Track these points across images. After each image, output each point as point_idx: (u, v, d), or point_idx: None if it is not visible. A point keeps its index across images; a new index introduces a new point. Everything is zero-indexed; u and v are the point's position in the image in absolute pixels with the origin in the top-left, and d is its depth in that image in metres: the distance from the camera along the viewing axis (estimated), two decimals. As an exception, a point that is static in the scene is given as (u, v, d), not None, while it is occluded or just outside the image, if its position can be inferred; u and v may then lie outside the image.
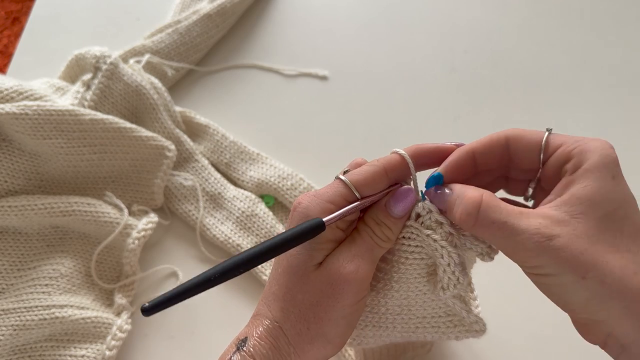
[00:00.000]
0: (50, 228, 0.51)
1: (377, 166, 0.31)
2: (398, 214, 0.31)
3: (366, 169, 0.31)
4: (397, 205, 0.31)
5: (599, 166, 0.28)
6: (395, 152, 0.32)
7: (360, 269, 0.30)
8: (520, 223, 0.27)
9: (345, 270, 0.30)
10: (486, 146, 0.31)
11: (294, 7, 0.71)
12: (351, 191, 0.31)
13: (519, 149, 0.31)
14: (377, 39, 0.68)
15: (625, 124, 0.62)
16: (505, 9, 0.70)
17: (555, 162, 0.30)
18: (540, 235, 0.26)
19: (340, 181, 0.31)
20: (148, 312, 0.28)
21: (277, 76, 0.65)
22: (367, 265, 0.31)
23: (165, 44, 0.62)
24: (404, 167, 0.32)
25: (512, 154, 0.31)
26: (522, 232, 0.26)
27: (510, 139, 0.31)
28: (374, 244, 0.31)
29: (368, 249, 0.31)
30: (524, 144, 0.30)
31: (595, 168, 0.28)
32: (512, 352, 0.48)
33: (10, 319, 0.46)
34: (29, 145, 0.51)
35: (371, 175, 0.31)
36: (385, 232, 0.31)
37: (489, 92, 0.64)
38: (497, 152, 0.31)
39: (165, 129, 0.56)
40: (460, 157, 0.31)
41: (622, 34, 0.68)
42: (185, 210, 0.55)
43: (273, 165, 0.57)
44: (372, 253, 0.31)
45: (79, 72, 0.58)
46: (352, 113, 0.63)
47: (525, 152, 0.30)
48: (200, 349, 0.49)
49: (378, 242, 0.31)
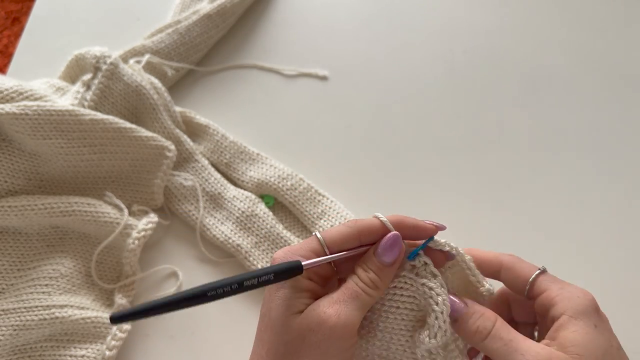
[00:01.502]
0: (50, 228, 0.52)
1: (351, 228, 0.33)
2: (387, 261, 0.33)
3: (340, 229, 0.33)
4: (387, 252, 0.33)
5: (583, 315, 0.32)
6: (375, 216, 0.34)
7: (341, 313, 0.31)
8: (524, 344, 0.31)
9: (325, 315, 0.31)
10: (486, 259, 0.36)
11: (294, 7, 0.71)
12: (322, 248, 0.33)
13: (511, 275, 0.35)
14: (377, 39, 0.68)
15: (624, 124, 0.62)
16: (504, 10, 0.70)
17: (540, 306, 0.34)
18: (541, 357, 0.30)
19: (314, 237, 0.33)
20: (115, 321, 0.28)
21: (277, 76, 0.65)
22: (349, 311, 0.31)
23: (165, 44, 0.63)
24: (379, 232, 0.33)
25: (504, 276, 0.36)
26: (525, 351, 0.30)
27: (505, 266, 0.36)
28: (359, 290, 0.32)
29: (352, 296, 0.32)
30: (514, 273, 0.35)
31: (580, 316, 0.32)
32: None
33: (10, 319, 0.46)
34: (29, 146, 0.51)
35: (343, 237, 0.33)
36: (372, 279, 0.32)
37: (488, 92, 0.64)
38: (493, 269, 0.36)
39: (165, 129, 0.56)
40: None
41: (622, 34, 0.69)
42: (185, 211, 0.55)
43: (273, 166, 0.57)
44: (356, 299, 0.32)
45: (79, 72, 0.58)
46: (352, 113, 0.63)
47: (513, 280, 0.35)
48: (201, 349, 0.49)
49: (364, 288, 0.32)
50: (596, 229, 0.55)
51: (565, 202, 0.57)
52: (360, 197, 0.57)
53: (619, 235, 0.55)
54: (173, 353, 0.49)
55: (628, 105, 0.64)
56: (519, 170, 0.59)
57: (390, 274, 0.33)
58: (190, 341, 0.50)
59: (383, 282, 0.33)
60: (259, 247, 0.52)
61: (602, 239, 0.55)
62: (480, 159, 0.60)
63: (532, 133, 0.62)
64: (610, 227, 0.55)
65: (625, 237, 0.55)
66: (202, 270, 0.53)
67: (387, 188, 0.58)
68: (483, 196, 0.57)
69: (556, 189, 0.58)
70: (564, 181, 0.59)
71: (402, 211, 0.42)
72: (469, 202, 0.57)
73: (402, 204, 0.57)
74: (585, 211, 0.56)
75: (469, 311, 0.33)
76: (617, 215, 0.56)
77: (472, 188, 0.58)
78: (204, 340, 0.50)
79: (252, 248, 0.52)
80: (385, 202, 0.57)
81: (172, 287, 0.52)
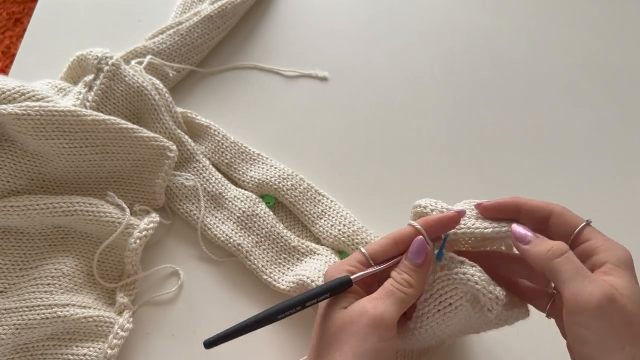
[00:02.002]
0: (52, 228, 0.52)
1: (389, 239, 0.39)
2: (417, 262, 0.37)
3: (380, 241, 0.39)
4: (415, 255, 0.37)
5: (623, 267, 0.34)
6: (410, 224, 0.39)
7: (378, 306, 0.35)
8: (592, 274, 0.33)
9: (364, 309, 0.35)
10: (534, 205, 0.38)
11: (295, 9, 0.71)
12: (366, 259, 0.38)
13: (558, 222, 0.37)
14: (377, 40, 0.68)
15: (624, 125, 0.63)
16: (503, 11, 0.71)
17: (582, 252, 0.36)
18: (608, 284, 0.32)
19: (359, 252, 0.39)
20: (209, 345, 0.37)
21: (277, 77, 0.66)
22: (385, 305, 0.35)
23: (167, 45, 0.63)
24: (412, 238, 0.38)
25: (551, 224, 0.38)
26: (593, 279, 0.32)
27: (555, 213, 0.38)
28: (394, 289, 0.36)
29: (387, 294, 0.36)
30: (562, 221, 0.37)
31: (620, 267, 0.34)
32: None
33: (13, 318, 0.46)
34: (31, 146, 0.51)
35: (383, 248, 0.39)
36: (405, 278, 0.37)
37: (487, 93, 0.64)
38: (540, 214, 0.38)
39: (166, 129, 0.57)
40: (508, 202, 0.39)
41: (621, 34, 0.69)
42: (187, 210, 0.55)
43: (273, 166, 0.57)
44: (392, 296, 0.36)
45: (81, 73, 0.58)
46: (352, 114, 0.63)
47: (561, 227, 0.37)
48: (201, 347, 0.50)
49: (398, 287, 0.36)
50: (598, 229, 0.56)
51: (565, 202, 0.57)
52: (360, 197, 0.57)
53: (618, 235, 0.55)
54: (174, 351, 0.49)
55: (627, 105, 0.64)
56: (519, 170, 0.59)
57: (421, 273, 0.37)
58: (192, 340, 0.50)
59: (416, 280, 0.37)
60: (260, 247, 0.53)
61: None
62: (480, 159, 0.60)
63: (531, 133, 0.62)
64: (610, 228, 0.55)
65: (626, 237, 0.55)
66: (203, 270, 0.53)
67: (387, 188, 0.58)
68: (482, 196, 0.57)
69: (556, 189, 0.59)
70: (563, 181, 0.59)
71: (401, 211, 0.43)
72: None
73: (401, 204, 0.57)
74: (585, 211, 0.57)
75: (541, 239, 0.36)
76: (617, 215, 0.57)
77: (472, 188, 0.58)
78: (205, 339, 0.50)
79: (252, 247, 0.53)
80: (385, 202, 0.57)
81: (174, 286, 0.52)
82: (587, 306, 0.31)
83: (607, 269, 0.33)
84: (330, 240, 0.53)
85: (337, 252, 0.52)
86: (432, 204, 0.41)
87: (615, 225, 0.56)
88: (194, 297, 0.52)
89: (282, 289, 0.50)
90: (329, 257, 0.51)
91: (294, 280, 0.50)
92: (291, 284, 0.50)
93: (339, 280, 0.37)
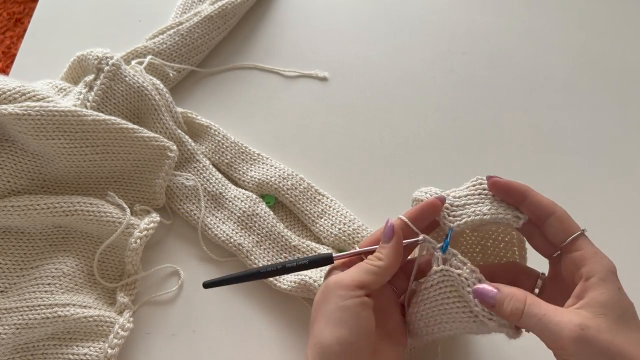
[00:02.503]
0: (52, 228, 0.52)
1: (378, 232, 0.42)
2: (385, 238, 0.41)
3: (371, 237, 0.43)
4: (384, 234, 0.41)
5: (610, 278, 0.36)
6: (399, 218, 0.42)
7: (339, 275, 0.39)
8: (556, 316, 0.35)
9: (329, 280, 0.39)
10: (539, 198, 0.40)
11: (295, 9, 0.71)
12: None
13: (557, 223, 0.39)
14: (377, 40, 0.68)
15: (623, 125, 0.63)
16: (503, 11, 0.71)
17: (573, 262, 0.38)
18: (573, 325, 0.33)
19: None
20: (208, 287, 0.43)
21: (277, 77, 0.66)
22: (346, 273, 0.39)
23: (167, 45, 0.63)
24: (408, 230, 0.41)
25: (549, 222, 0.39)
26: (559, 321, 0.34)
27: (556, 214, 0.39)
28: (362, 263, 0.40)
29: (356, 265, 0.40)
30: (560, 222, 0.39)
31: (607, 279, 0.36)
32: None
33: (13, 318, 0.46)
34: (31, 146, 0.51)
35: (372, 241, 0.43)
36: (375, 254, 0.40)
37: (487, 93, 0.65)
38: (544, 209, 0.39)
39: (167, 129, 0.57)
40: (518, 185, 0.40)
41: (620, 35, 0.69)
42: (187, 210, 0.55)
43: (274, 166, 0.57)
44: (361, 266, 0.40)
45: (82, 73, 0.59)
46: (352, 114, 0.63)
47: (559, 228, 0.39)
48: (202, 347, 0.50)
49: (367, 260, 0.40)
50: (596, 229, 0.56)
51: (565, 202, 0.57)
52: (359, 197, 0.57)
53: (619, 235, 0.55)
54: (174, 351, 0.49)
55: (627, 105, 0.64)
56: (518, 170, 0.60)
57: (390, 249, 0.40)
58: (192, 339, 0.50)
59: (385, 255, 0.40)
60: (260, 246, 0.53)
61: (602, 239, 0.55)
62: (480, 160, 0.60)
63: (531, 133, 0.62)
64: (610, 228, 0.56)
65: (625, 237, 0.55)
66: (204, 269, 0.53)
67: (386, 188, 0.58)
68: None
69: (555, 189, 0.58)
70: (563, 182, 0.59)
71: (401, 211, 0.43)
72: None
73: (401, 204, 0.57)
74: (585, 212, 0.57)
75: (501, 296, 0.37)
76: (617, 215, 0.57)
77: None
78: (205, 338, 0.50)
79: (253, 247, 0.53)
80: (384, 202, 0.57)
81: (174, 285, 0.52)
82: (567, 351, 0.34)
83: (593, 283, 0.36)
84: (330, 239, 0.53)
85: (337, 251, 0.53)
86: (422, 194, 0.43)
87: (614, 225, 0.56)
88: (194, 297, 0.52)
89: (284, 288, 0.50)
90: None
91: (296, 280, 0.50)
92: (293, 284, 0.50)
93: (321, 256, 0.43)
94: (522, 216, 0.40)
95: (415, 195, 0.44)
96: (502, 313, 0.37)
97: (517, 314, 0.36)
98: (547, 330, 0.34)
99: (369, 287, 0.39)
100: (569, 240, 0.38)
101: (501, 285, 0.38)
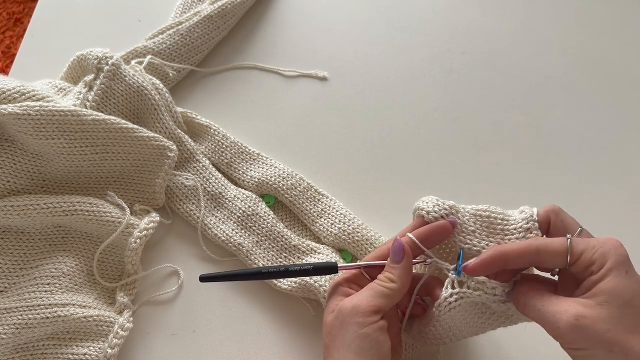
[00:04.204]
0: (52, 228, 0.52)
1: (385, 248, 0.42)
2: (395, 259, 0.40)
3: (377, 252, 0.43)
4: (394, 253, 0.41)
5: (616, 266, 0.35)
6: (408, 236, 0.41)
7: (354, 299, 0.39)
8: (553, 307, 0.35)
9: (344, 305, 0.39)
10: (518, 253, 0.38)
11: (295, 9, 0.71)
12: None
13: (547, 256, 0.38)
14: (377, 40, 0.68)
15: (623, 125, 0.63)
16: (503, 11, 0.71)
17: (580, 266, 0.37)
18: (569, 315, 0.34)
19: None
20: (204, 281, 0.43)
21: (277, 77, 0.66)
22: (361, 297, 0.39)
23: (167, 45, 0.63)
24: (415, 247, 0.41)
25: (540, 260, 0.38)
26: (556, 312, 0.35)
27: (540, 249, 0.38)
28: (374, 284, 0.40)
29: (367, 288, 0.40)
30: (550, 252, 0.38)
31: (614, 267, 0.35)
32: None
33: (13, 318, 0.46)
34: (31, 146, 0.51)
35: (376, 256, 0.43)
36: (386, 275, 0.40)
37: (487, 93, 0.65)
38: (527, 259, 0.38)
39: (166, 129, 0.57)
40: (494, 258, 0.39)
41: (620, 35, 0.69)
42: (187, 210, 0.55)
43: (273, 166, 0.57)
44: (371, 290, 0.40)
45: (81, 73, 0.59)
46: (352, 114, 0.63)
47: (552, 258, 0.38)
48: (202, 347, 0.50)
49: (378, 282, 0.40)
50: (596, 229, 0.56)
51: (565, 202, 0.57)
52: (359, 197, 0.57)
53: (619, 235, 0.55)
54: (174, 351, 0.49)
55: (627, 105, 0.64)
56: (518, 171, 0.60)
57: (402, 270, 0.40)
58: (192, 339, 0.50)
59: (397, 276, 0.40)
60: (260, 246, 0.53)
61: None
62: (479, 160, 0.60)
63: (531, 134, 0.62)
64: (610, 228, 0.56)
65: (625, 237, 0.55)
66: (204, 269, 0.53)
67: (386, 188, 0.58)
68: (482, 197, 0.58)
69: (555, 189, 0.59)
70: (563, 182, 0.59)
71: (400, 211, 0.43)
72: (468, 202, 0.57)
73: (401, 204, 0.57)
74: (585, 212, 0.57)
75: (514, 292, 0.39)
76: (616, 215, 0.57)
77: (471, 187, 0.58)
78: (205, 339, 0.50)
79: (253, 247, 0.53)
80: (384, 201, 0.57)
81: (174, 285, 0.52)
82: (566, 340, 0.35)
83: (599, 277, 0.35)
84: (330, 238, 0.53)
85: (337, 251, 0.53)
86: (424, 205, 0.42)
87: (613, 225, 0.56)
88: (194, 297, 0.52)
89: (285, 288, 0.50)
90: (330, 255, 0.51)
91: (296, 280, 0.50)
92: (293, 284, 0.50)
93: (326, 264, 0.43)
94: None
95: (417, 205, 0.43)
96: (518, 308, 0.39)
97: (520, 307, 0.38)
98: (546, 321, 0.36)
99: (384, 310, 0.39)
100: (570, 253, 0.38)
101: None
